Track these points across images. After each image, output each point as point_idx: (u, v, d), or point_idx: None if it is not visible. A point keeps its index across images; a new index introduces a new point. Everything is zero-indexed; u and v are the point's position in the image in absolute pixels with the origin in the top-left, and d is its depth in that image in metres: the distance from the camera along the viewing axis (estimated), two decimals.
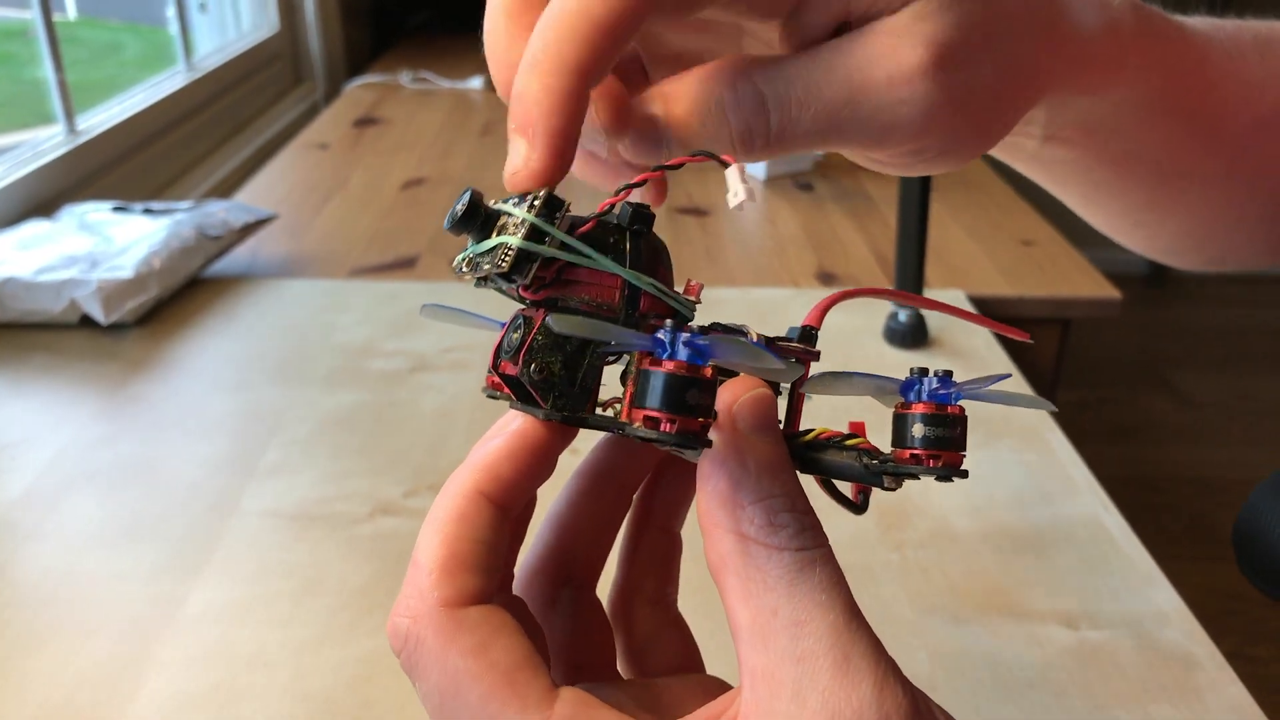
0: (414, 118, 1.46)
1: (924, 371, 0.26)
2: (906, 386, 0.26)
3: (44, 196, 1.03)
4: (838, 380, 0.26)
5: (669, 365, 0.22)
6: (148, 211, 0.91)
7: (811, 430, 0.26)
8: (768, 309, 0.86)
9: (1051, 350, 0.95)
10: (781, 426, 0.26)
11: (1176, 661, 0.50)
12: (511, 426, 0.26)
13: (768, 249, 1.00)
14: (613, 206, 0.25)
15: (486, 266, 0.24)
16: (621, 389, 0.25)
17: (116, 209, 0.91)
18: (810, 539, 0.24)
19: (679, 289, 0.26)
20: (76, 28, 1.40)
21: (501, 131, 0.24)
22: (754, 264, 0.96)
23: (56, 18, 1.11)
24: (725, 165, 0.24)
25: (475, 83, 1.62)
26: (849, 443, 0.26)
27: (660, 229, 0.26)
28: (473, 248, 0.25)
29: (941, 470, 0.25)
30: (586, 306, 0.25)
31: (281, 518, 0.59)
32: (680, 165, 0.25)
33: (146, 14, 1.56)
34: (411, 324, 0.82)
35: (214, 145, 1.43)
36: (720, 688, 0.29)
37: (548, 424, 0.26)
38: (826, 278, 0.93)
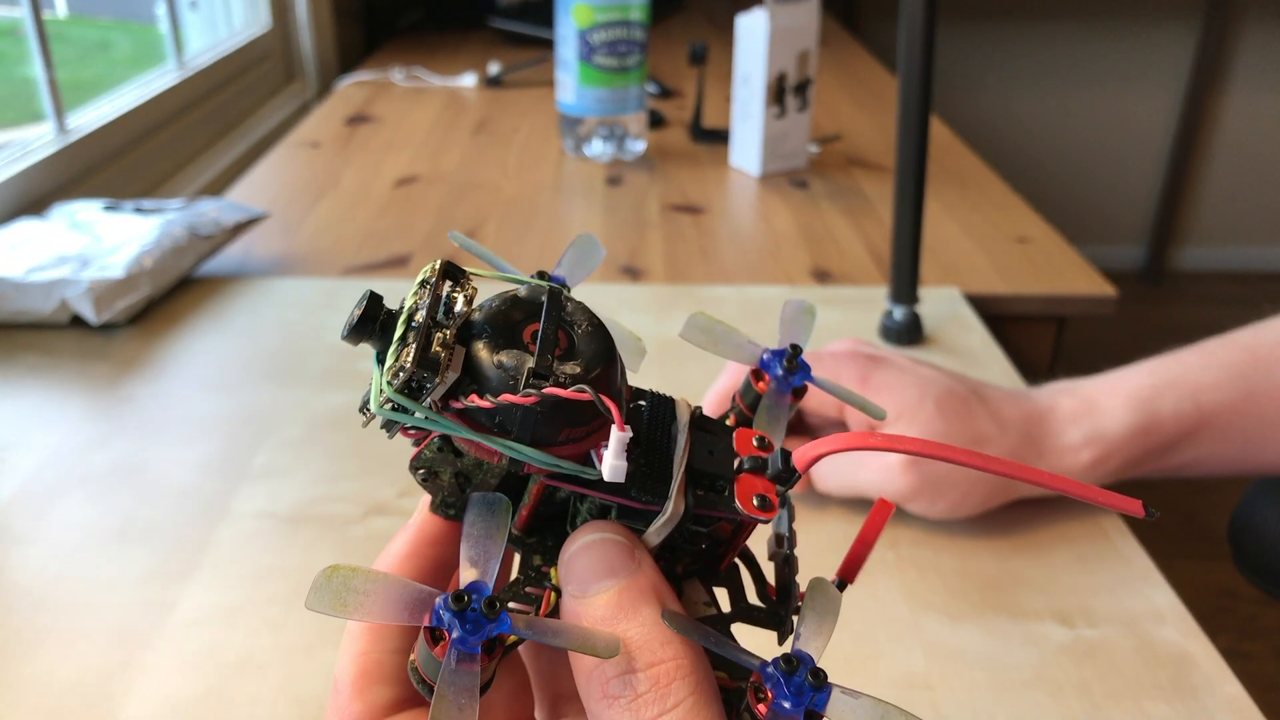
0: (406, 115, 1.45)
1: (791, 668, 0.22)
2: (766, 678, 0.23)
3: (34, 195, 1.02)
4: (711, 334, 0.27)
5: (448, 669, 0.21)
6: (139, 210, 0.90)
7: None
8: (762, 307, 0.86)
9: (1046, 348, 0.94)
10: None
11: (1172, 659, 0.50)
12: (410, 523, 0.26)
13: (762, 247, 1.00)
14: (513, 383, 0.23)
15: (366, 419, 0.24)
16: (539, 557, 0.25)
17: (107, 208, 0.91)
18: (648, 707, 0.22)
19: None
20: (66, 25, 1.39)
21: (494, 128, 0.23)
22: (748, 262, 0.96)
23: (46, 15, 1.11)
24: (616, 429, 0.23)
25: (468, 80, 1.61)
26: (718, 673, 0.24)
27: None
28: (373, 385, 0.23)
29: None
30: (473, 456, 0.25)
31: (274, 519, 0.59)
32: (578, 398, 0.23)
33: (136, 12, 1.56)
34: None
35: (205, 143, 1.42)
36: None
37: (435, 528, 0.26)
38: (821, 275, 0.93)
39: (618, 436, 0.22)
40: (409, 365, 0.22)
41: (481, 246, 0.28)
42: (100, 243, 0.83)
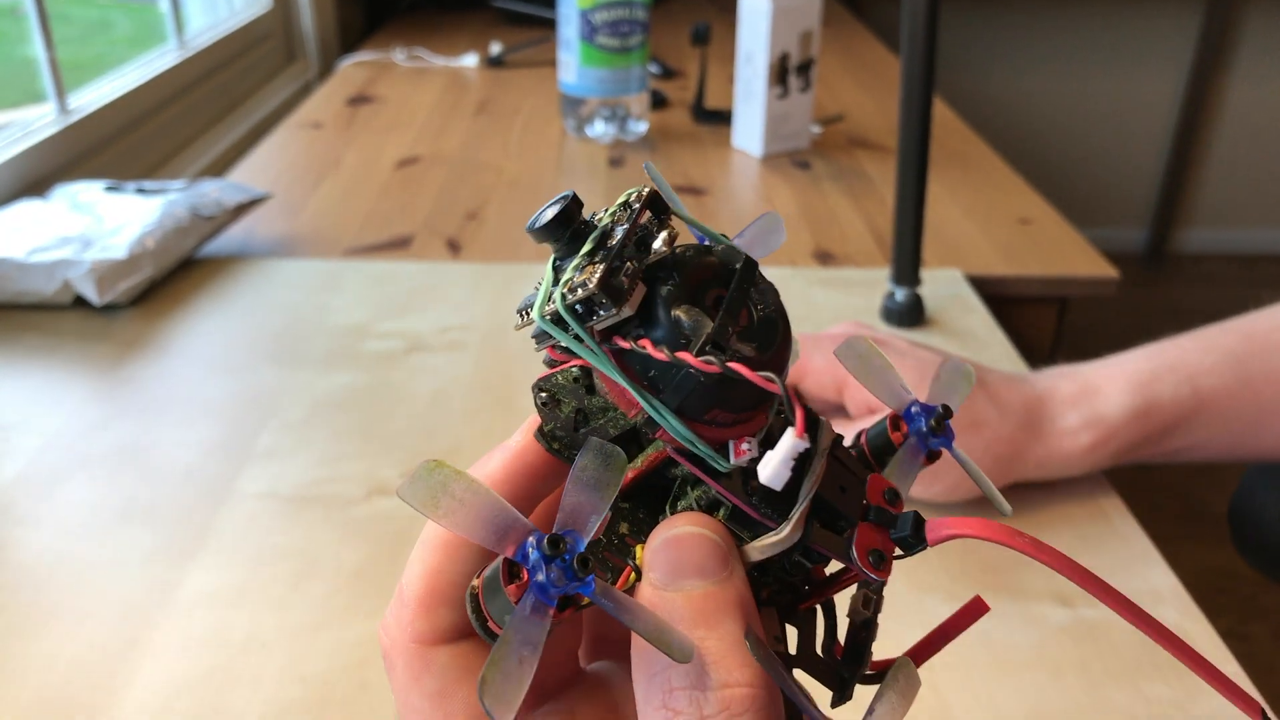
0: (408, 96, 1.45)
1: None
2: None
3: (35, 176, 1.02)
4: (866, 365, 0.25)
5: (521, 612, 0.20)
6: (140, 191, 0.90)
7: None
8: None
9: (1048, 329, 0.94)
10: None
11: None
12: (509, 443, 0.25)
13: None
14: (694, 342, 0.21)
15: (521, 322, 0.22)
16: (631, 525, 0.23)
17: (109, 189, 0.91)
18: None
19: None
20: (66, 5, 1.39)
21: (496, 109, 0.23)
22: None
23: None
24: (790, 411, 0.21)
25: (469, 60, 1.60)
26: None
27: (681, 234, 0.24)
28: (541, 290, 0.22)
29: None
30: (608, 394, 0.23)
31: (277, 500, 0.59)
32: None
33: None
34: (406, 305, 0.82)
35: (207, 124, 1.42)
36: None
37: (536, 457, 0.25)
38: (824, 257, 0.93)
39: (793, 443, 0.21)
40: (592, 285, 0.20)
41: (673, 192, 0.24)
42: (102, 224, 0.83)
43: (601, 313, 0.21)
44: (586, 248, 0.21)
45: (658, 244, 0.22)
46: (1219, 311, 0.61)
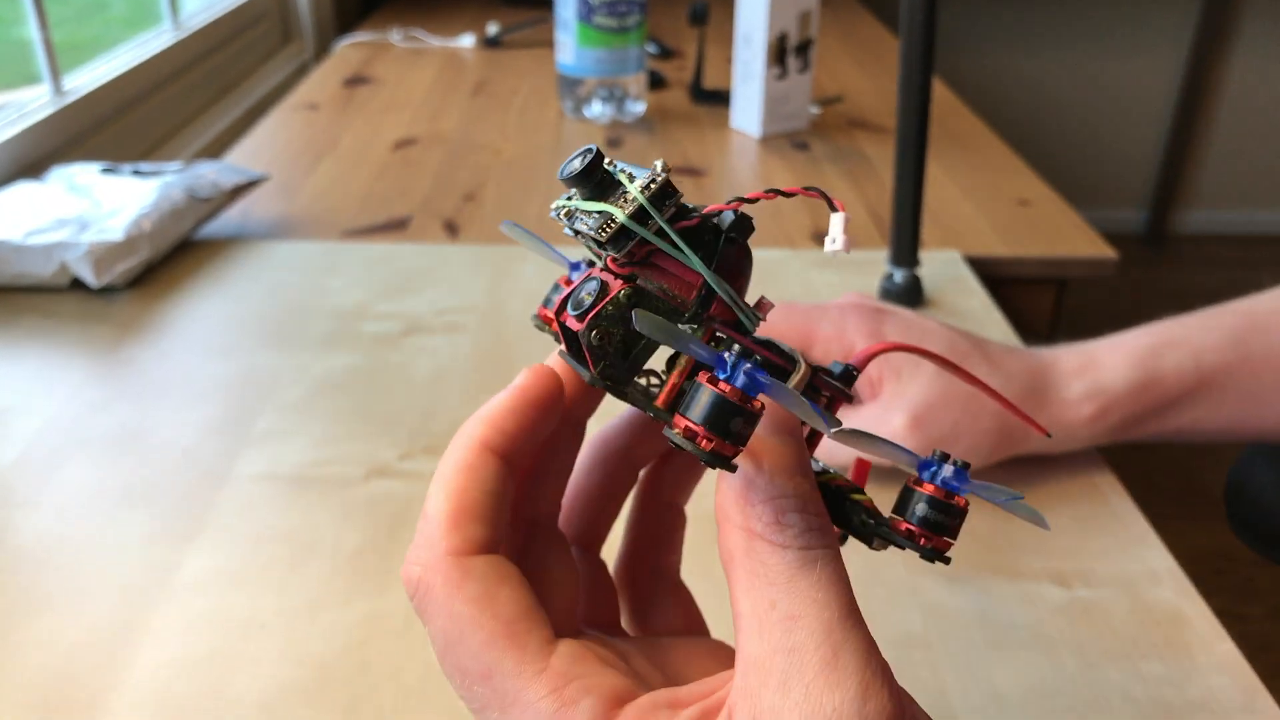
0: (405, 77, 1.44)
1: (945, 457, 0.26)
2: (924, 465, 0.27)
3: (31, 158, 1.02)
4: (865, 440, 0.27)
5: (724, 388, 0.23)
6: (137, 173, 0.90)
7: (827, 472, 0.28)
8: (763, 270, 0.85)
9: (1047, 310, 0.94)
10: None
11: (1167, 619, 0.50)
12: (516, 381, 0.27)
13: (763, 209, 0.99)
14: (719, 212, 0.26)
15: (586, 228, 0.25)
16: (666, 370, 0.26)
17: (105, 170, 0.90)
18: (815, 539, 0.24)
19: (751, 301, 0.27)
20: None
21: (493, 89, 0.24)
22: None
23: None
24: (834, 210, 0.26)
25: (466, 40, 1.60)
26: (852, 496, 0.27)
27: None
28: (578, 201, 0.26)
29: (927, 551, 0.26)
30: (662, 294, 0.26)
31: (276, 482, 0.59)
32: (792, 194, 0.26)
33: None
34: (404, 286, 0.82)
35: (203, 105, 1.41)
36: (724, 651, 0.30)
37: (550, 379, 0.28)
38: (822, 238, 0.93)
39: (841, 216, 0.26)
40: (660, 180, 0.25)
41: (536, 235, 0.31)
42: (99, 206, 0.83)
43: (670, 199, 0.25)
44: (624, 177, 0.26)
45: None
46: (1218, 293, 0.61)
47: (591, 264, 0.31)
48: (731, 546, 0.25)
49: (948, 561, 0.26)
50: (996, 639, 0.49)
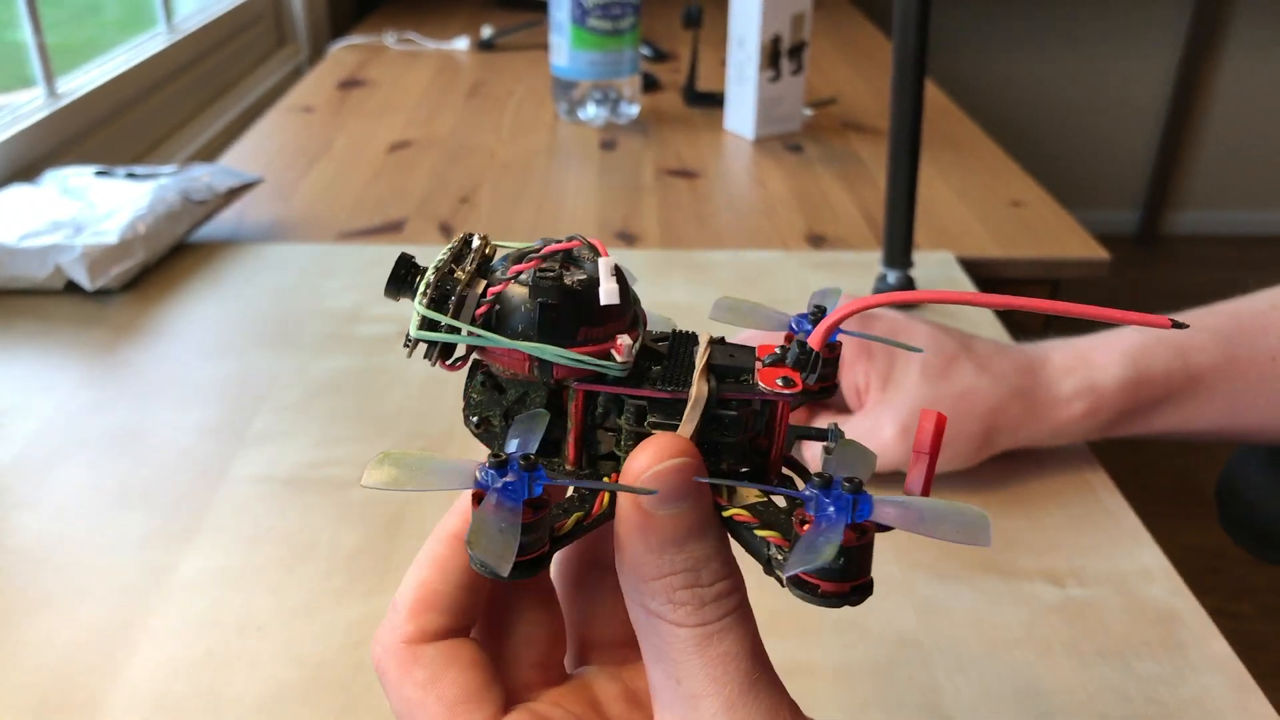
0: (399, 79, 1.45)
1: (827, 483, 0.23)
2: (806, 500, 0.24)
3: (25, 161, 1.02)
4: (738, 311, 0.28)
5: (488, 504, 0.23)
6: (131, 176, 0.90)
7: (731, 507, 0.26)
8: (757, 272, 0.86)
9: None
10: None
11: (1160, 618, 0.51)
12: (448, 521, 0.28)
13: (757, 211, 1.00)
14: (520, 274, 0.25)
15: (405, 347, 0.25)
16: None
17: (99, 173, 0.90)
18: (710, 612, 0.24)
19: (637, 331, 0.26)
20: None
21: (488, 92, 0.24)
22: (744, 226, 0.96)
23: None
24: (601, 255, 0.25)
25: (461, 43, 1.60)
26: (759, 532, 0.25)
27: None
28: (415, 310, 0.25)
29: (823, 600, 0.24)
30: (507, 375, 0.26)
31: (272, 483, 0.59)
32: (569, 242, 0.26)
33: None
34: None
35: (197, 108, 1.41)
36: None
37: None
38: (816, 240, 0.93)
39: (603, 262, 0.25)
40: (432, 279, 0.24)
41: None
42: (93, 209, 0.83)
43: (452, 298, 0.24)
44: (424, 277, 0.25)
45: (474, 257, 0.26)
46: (1210, 293, 0.61)
47: None
48: (634, 618, 0.26)
49: (857, 602, 0.25)
50: (989, 637, 0.50)
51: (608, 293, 0.24)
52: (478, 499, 0.23)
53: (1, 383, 0.69)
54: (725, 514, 0.25)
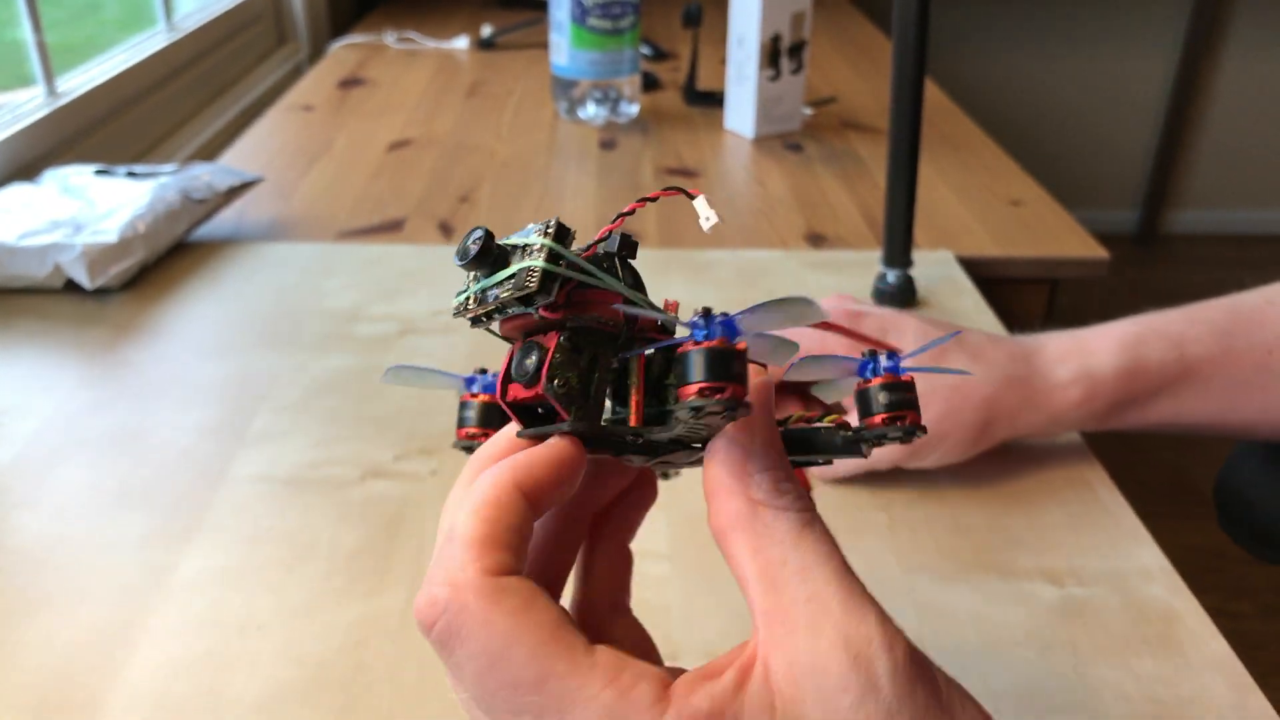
0: (399, 78, 1.44)
1: (873, 354, 0.30)
2: (863, 366, 0.30)
3: (25, 160, 1.02)
4: (814, 364, 0.30)
5: (715, 343, 0.25)
6: (131, 175, 0.90)
7: (790, 416, 0.30)
8: (756, 271, 0.86)
9: (1039, 310, 0.95)
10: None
11: (1159, 617, 0.51)
12: (552, 440, 0.28)
13: (756, 210, 1.00)
14: (605, 237, 0.28)
15: (504, 295, 0.27)
16: (616, 405, 0.29)
17: (99, 172, 0.90)
18: (807, 503, 0.27)
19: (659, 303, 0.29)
20: None
21: (487, 91, 0.24)
22: (743, 225, 0.96)
23: None
24: (691, 197, 0.27)
25: (461, 42, 1.60)
26: (825, 420, 0.30)
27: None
28: (478, 285, 0.27)
29: (909, 429, 0.29)
30: (597, 324, 0.28)
31: (272, 483, 0.59)
32: (656, 198, 0.28)
33: None
34: (399, 287, 0.82)
35: (197, 107, 1.41)
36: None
37: (579, 447, 0.28)
38: (815, 239, 0.93)
39: (701, 199, 0.27)
40: (554, 221, 0.27)
41: (421, 366, 0.35)
42: (93, 207, 0.83)
43: (568, 237, 0.27)
44: (516, 239, 0.27)
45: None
46: (1209, 292, 0.61)
47: (484, 370, 0.35)
48: (733, 513, 0.27)
49: (925, 431, 0.29)
50: (990, 637, 0.50)
51: (711, 217, 0.27)
52: (693, 345, 0.25)
53: (1, 382, 0.69)
54: (790, 423, 0.30)
